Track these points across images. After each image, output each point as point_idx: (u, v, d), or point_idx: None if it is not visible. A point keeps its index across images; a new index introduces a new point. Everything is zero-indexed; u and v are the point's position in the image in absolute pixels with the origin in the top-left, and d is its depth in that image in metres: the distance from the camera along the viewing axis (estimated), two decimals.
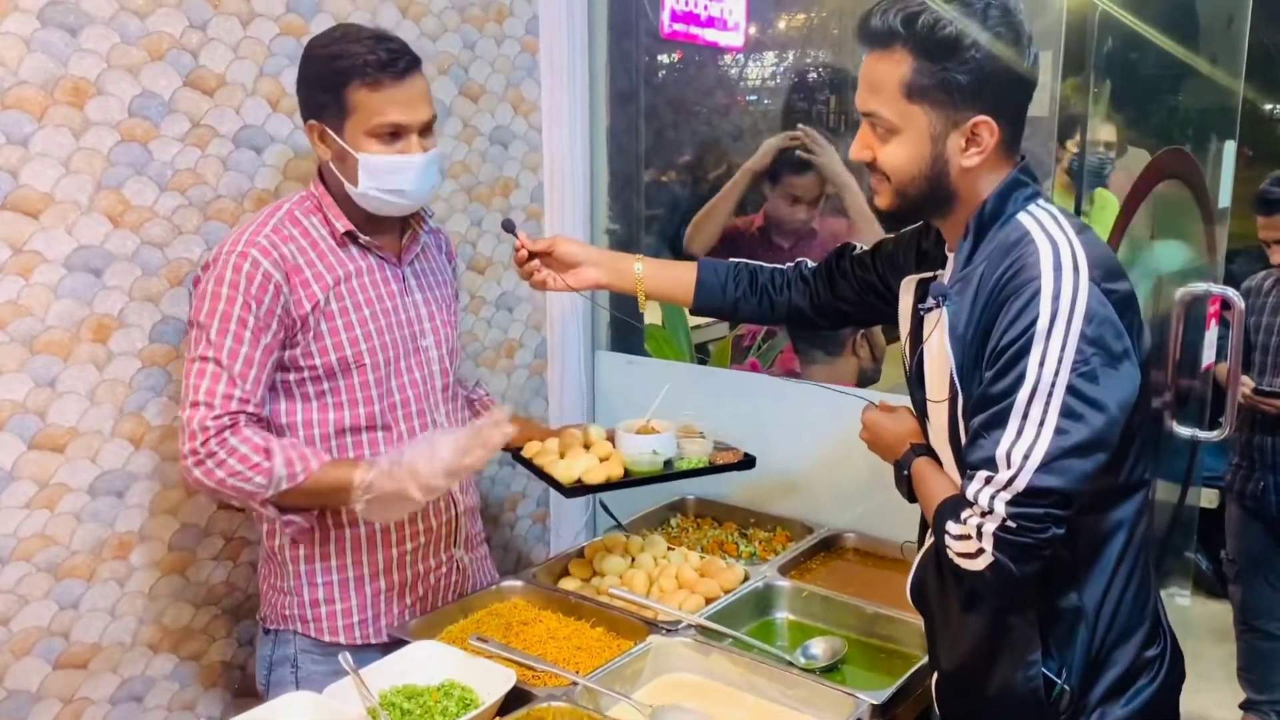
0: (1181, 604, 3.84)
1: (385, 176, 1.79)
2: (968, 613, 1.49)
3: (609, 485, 1.99)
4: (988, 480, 1.33)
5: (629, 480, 2.01)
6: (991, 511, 1.33)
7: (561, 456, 2.04)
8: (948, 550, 1.40)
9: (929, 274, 1.57)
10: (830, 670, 1.85)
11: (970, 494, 1.35)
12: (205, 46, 1.92)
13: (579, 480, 1.97)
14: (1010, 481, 1.31)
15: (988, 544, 1.33)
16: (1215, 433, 2.89)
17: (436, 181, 1.89)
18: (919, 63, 1.38)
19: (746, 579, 2.09)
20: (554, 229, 2.62)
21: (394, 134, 1.78)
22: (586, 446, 2.06)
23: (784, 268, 1.95)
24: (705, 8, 3.10)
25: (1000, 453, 1.32)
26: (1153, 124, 3.10)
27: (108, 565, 1.90)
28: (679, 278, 1.97)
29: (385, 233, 1.92)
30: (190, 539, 2.02)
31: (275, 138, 2.05)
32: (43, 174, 1.74)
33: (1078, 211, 2.49)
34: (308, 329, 1.81)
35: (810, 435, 2.38)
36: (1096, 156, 2.71)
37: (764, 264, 1.97)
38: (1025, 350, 1.30)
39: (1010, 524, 1.31)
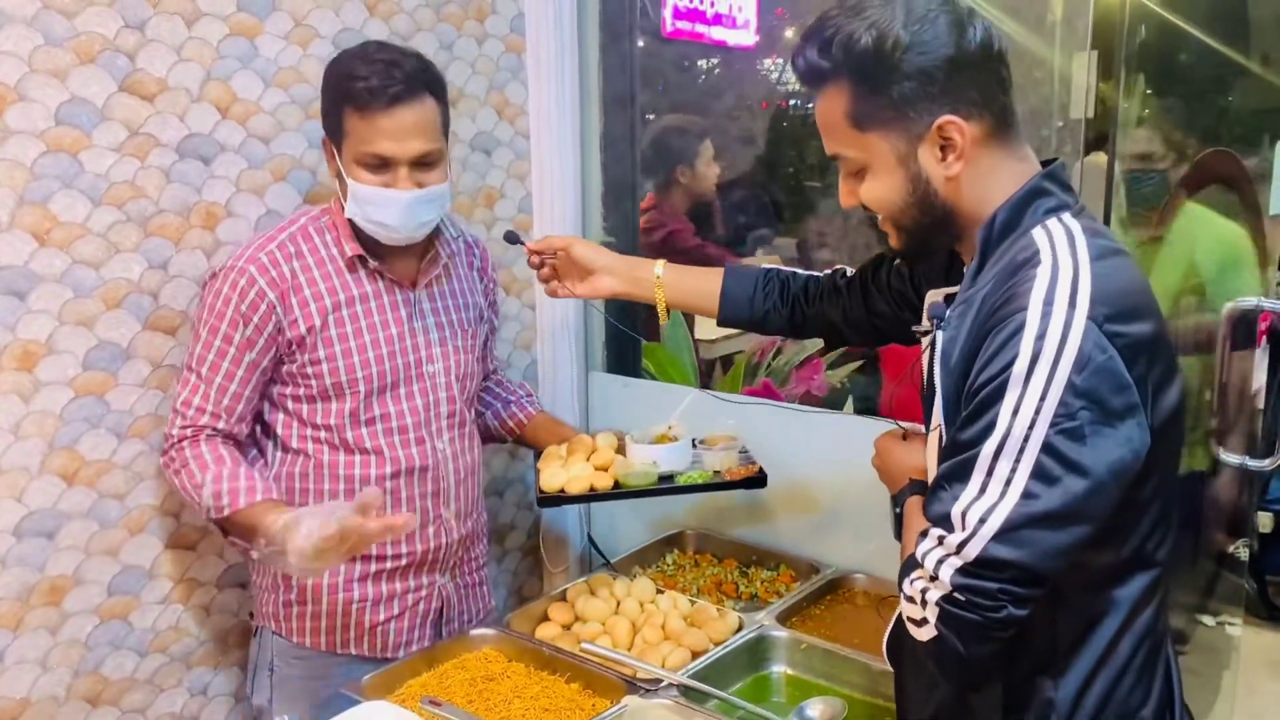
0: (1232, 633, 3.61)
1: (369, 207, 1.73)
2: (935, 684, 1.28)
3: (587, 497, 1.88)
4: (939, 541, 1.14)
5: (614, 493, 1.88)
6: (937, 578, 1.13)
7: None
8: (902, 610, 1.20)
9: (954, 290, 1.37)
10: None
11: (919, 553, 1.16)
12: (144, 48, 1.76)
13: (561, 490, 1.85)
14: (961, 546, 1.11)
15: (931, 614, 1.14)
16: (1267, 461, 2.65)
17: (429, 218, 1.78)
18: (854, 88, 1.22)
19: (741, 628, 1.90)
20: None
21: (380, 165, 1.71)
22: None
23: (818, 276, 1.76)
24: (711, 4, 2.92)
25: (956, 510, 1.12)
26: (1196, 125, 2.88)
27: (37, 612, 1.75)
28: (702, 287, 1.78)
29: (401, 255, 1.85)
30: (133, 582, 1.86)
31: (225, 147, 1.89)
32: None
33: (1106, 223, 2.28)
34: (304, 349, 1.77)
35: (823, 463, 2.18)
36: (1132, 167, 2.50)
37: (798, 271, 1.79)
38: (998, 395, 1.10)
39: (958, 596, 1.11)
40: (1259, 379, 2.71)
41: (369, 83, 1.66)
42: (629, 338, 2.58)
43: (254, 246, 1.76)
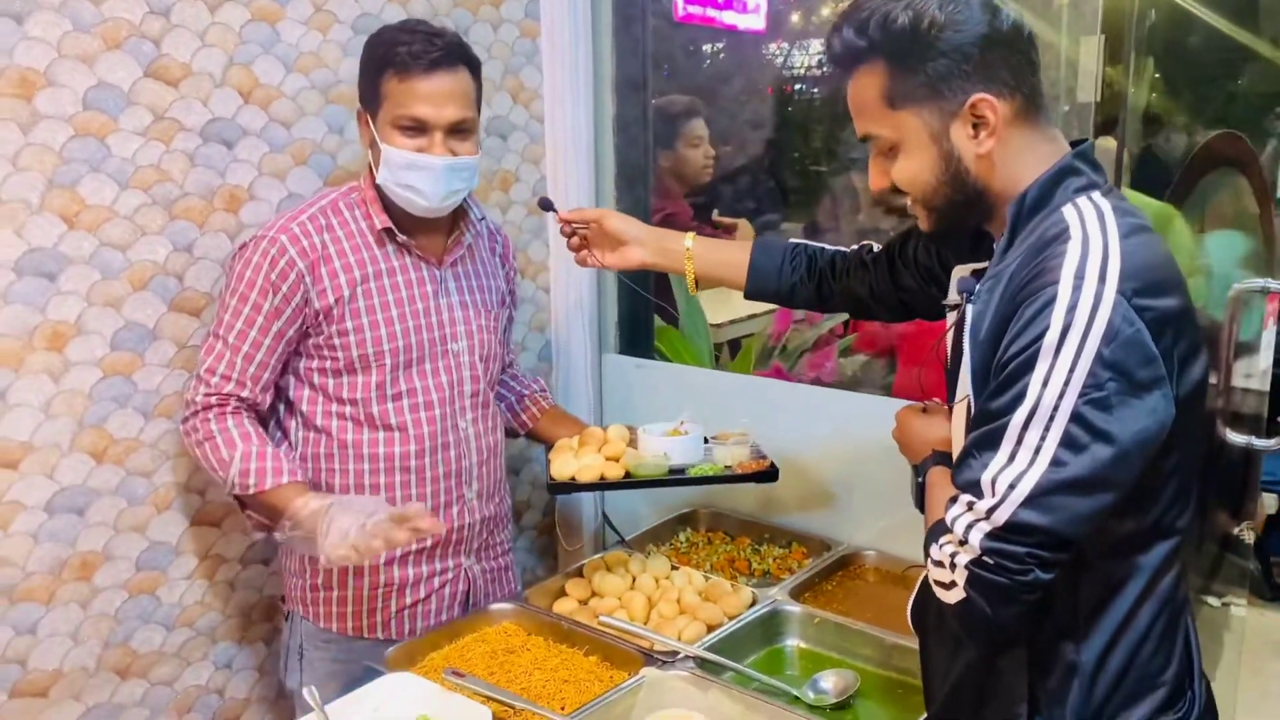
0: (1237, 614, 3.64)
1: (401, 172, 1.75)
2: (960, 647, 1.32)
3: (598, 485, 1.92)
4: (969, 507, 1.17)
5: (625, 482, 1.91)
6: (966, 543, 1.17)
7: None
8: (929, 575, 1.24)
9: (982, 265, 1.40)
10: (841, 708, 1.70)
11: (949, 519, 1.20)
12: (168, 34, 1.79)
13: (572, 478, 1.88)
14: (991, 512, 1.15)
15: (960, 578, 1.18)
16: (1274, 441, 2.67)
17: (460, 188, 1.81)
18: (890, 67, 1.25)
19: (754, 603, 1.94)
20: (558, 223, 2.48)
21: (416, 129, 1.73)
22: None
23: (846, 251, 1.79)
24: None
25: (986, 478, 1.15)
26: (1204, 107, 2.89)
27: (69, 587, 1.79)
28: (731, 259, 1.81)
29: (428, 232, 1.87)
30: (161, 558, 1.90)
31: (248, 131, 1.92)
32: None
33: None
34: (331, 320, 1.79)
35: (834, 443, 2.21)
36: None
37: (826, 246, 1.81)
38: (1029, 366, 1.13)
39: (987, 560, 1.15)
40: (1266, 359, 2.73)
41: (411, 48, 1.70)
42: (643, 319, 2.61)
43: (285, 218, 1.79)
